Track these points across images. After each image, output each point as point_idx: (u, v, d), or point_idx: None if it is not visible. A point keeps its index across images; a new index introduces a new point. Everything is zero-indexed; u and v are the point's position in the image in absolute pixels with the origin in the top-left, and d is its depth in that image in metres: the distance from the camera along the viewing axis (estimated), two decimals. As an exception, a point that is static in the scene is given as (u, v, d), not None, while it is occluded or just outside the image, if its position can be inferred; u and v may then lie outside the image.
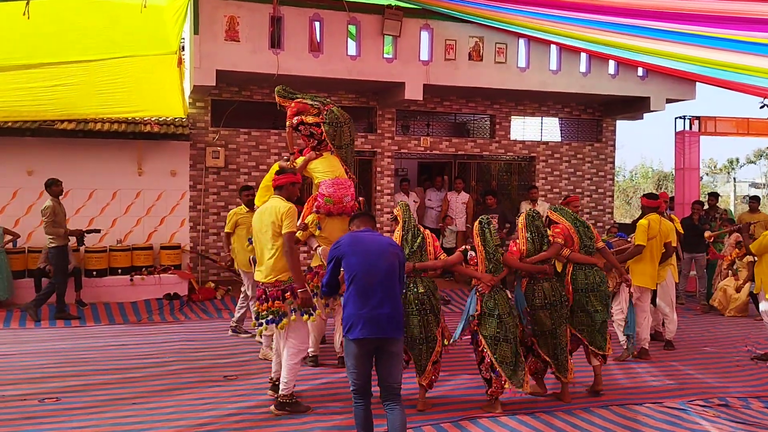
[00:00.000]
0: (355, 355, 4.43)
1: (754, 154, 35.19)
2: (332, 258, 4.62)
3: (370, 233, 4.75)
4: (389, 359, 4.48)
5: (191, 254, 11.05)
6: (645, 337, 7.43)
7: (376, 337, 4.38)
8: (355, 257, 4.52)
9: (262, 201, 7.08)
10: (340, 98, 11.57)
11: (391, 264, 4.56)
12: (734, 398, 6.08)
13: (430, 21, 10.75)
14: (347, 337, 4.44)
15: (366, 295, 4.43)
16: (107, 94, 9.42)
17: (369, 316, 4.38)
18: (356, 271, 4.48)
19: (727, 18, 5.71)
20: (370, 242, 4.62)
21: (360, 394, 4.49)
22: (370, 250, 4.55)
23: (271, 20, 9.94)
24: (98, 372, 6.50)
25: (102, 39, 8.64)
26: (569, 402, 5.81)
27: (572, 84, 11.71)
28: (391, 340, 4.45)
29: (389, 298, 4.47)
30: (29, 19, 6.95)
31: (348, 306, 4.49)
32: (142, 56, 9.18)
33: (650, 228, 7.20)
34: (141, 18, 8.21)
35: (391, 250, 4.64)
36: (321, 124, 7.00)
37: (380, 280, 4.47)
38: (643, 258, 7.24)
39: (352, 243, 4.59)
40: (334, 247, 4.62)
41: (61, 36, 8.27)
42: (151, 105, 10.07)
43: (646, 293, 7.45)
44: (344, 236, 4.72)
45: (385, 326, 4.40)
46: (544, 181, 13.19)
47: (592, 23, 7.82)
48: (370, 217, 5.05)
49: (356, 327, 4.38)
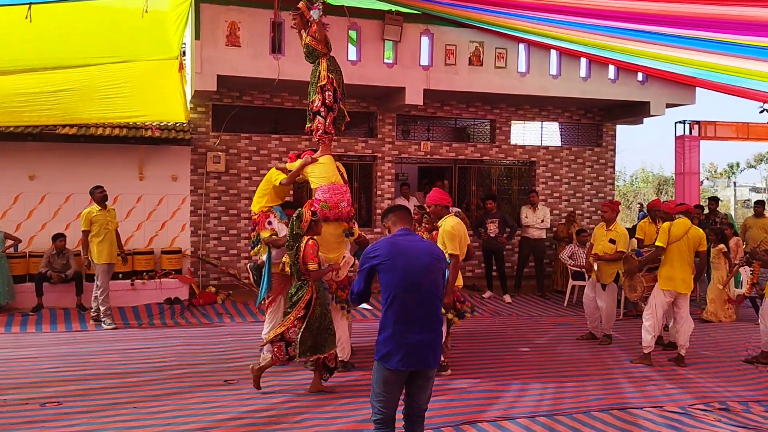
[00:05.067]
0: (387, 382, 3.96)
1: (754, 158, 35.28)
2: (368, 267, 4.03)
3: (409, 237, 4.15)
4: (424, 383, 4.05)
5: (192, 259, 11.06)
6: (683, 343, 7.40)
7: (416, 369, 3.96)
8: (394, 274, 3.95)
9: (259, 207, 7.12)
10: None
11: (434, 281, 4.06)
12: (735, 402, 6.09)
13: (431, 26, 10.78)
14: (381, 363, 3.97)
15: (407, 320, 3.94)
16: (109, 99, 9.45)
17: (409, 344, 3.91)
18: (397, 291, 3.94)
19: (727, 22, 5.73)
20: (412, 253, 4.02)
21: (385, 424, 4.03)
22: (413, 266, 3.98)
23: (271, 25, 9.97)
24: (99, 376, 6.50)
25: (103, 43, 8.68)
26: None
27: (572, 89, 11.73)
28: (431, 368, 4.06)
29: (432, 322, 4.01)
30: (31, 22, 6.97)
31: (386, 329, 3.97)
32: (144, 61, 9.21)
33: (671, 232, 7.22)
34: (142, 23, 8.24)
35: (435, 262, 4.09)
36: (332, 81, 6.96)
37: (423, 301, 3.98)
38: (669, 262, 7.23)
39: (391, 254, 3.98)
40: (371, 255, 4.04)
41: (63, 40, 8.30)
42: (152, 110, 10.10)
43: (681, 298, 7.34)
44: (382, 242, 4.10)
45: (426, 356, 3.96)
46: (544, 185, 13.20)
47: (592, 27, 7.85)
48: (406, 212, 4.40)
49: (395, 356, 3.90)
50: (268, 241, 6.83)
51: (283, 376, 6.54)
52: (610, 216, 8.26)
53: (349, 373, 6.68)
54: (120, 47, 8.93)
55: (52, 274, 9.56)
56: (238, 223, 11.35)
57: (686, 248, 7.23)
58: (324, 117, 6.96)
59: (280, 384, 6.30)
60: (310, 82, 7.13)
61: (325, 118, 6.97)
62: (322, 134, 7.02)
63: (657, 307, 7.31)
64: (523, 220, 11.73)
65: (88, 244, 8.78)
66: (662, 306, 7.32)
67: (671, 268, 7.24)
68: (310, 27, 7.06)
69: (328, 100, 6.95)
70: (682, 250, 7.22)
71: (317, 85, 6.98)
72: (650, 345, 7.35)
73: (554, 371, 6.99)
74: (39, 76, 8.70)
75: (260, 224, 6.98)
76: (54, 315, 9.21)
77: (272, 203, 7.13)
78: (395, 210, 4.36)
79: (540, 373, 6.92)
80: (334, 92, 6.98)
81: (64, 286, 9.56)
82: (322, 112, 6.97)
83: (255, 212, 7.15)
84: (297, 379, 6.44)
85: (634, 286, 7.71)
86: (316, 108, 6.98)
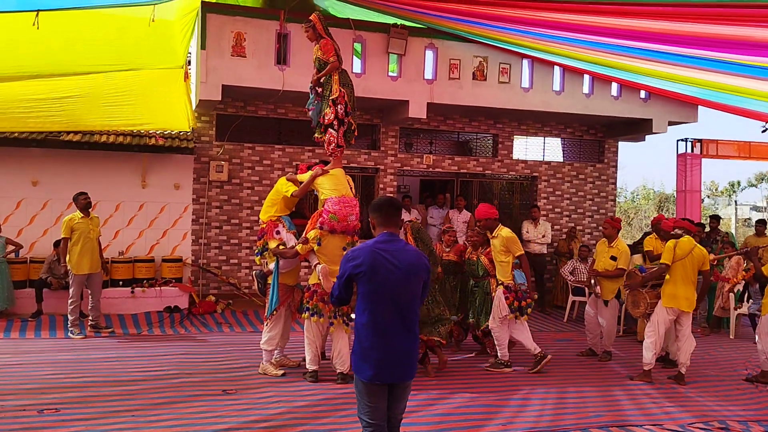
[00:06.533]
0: (368, 394, 3.86)
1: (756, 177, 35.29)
2: (346, 274, 3.88)
3: (392, 245, 3.91)
4: (401, 393, 3.95)
5: (193, 267, 11.06)
6: (684, 361, 7.39)
7: (390, 382, 3.87)
8: (371, 285, 3.81)
9: (267, 216, 7.12)
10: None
11: (412, 294, 3.92)
12: (734, 422, 6.06)
13: (435, 40, 10.83)
14: (357, 376, 3.90)
15: (383, 332, 3.82)
16: (114, 106, 9.51)
17: (384, 357, 3.81)
18: (373, 303, 3.83)
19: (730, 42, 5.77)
20: (392, 265, 3.83)
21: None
22: (392, 278, 3.82)
23: (277, 37, 10.02)
24: (98, 384, 6.47)
25: (110, 51, 8.74)
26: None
27: (575, 105, 11.77)
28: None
29: (408, 333, 3.90)
30: (38, 29, 7.02)
31: (360, 338, 3.88)
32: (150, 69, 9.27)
33: (677, 250, 7.23)
34: (149, 32, 8.31)
35: (416, 274, 3.92)
36: (344, 95, 7.03)
37: (400, 314, 3.86)
38: (673, 280, 7.24)
39: (370, 264, 3.80)
40: (351, 262, 3.86)
41: (70, 47, 8.37)
42: (156, 118, 10.15)
43: (683, 316, 7.35)
44: (363, 249, 3.90)
45: (400, 369, 3.87)
46: (545, 200, 13.21)
47: (596, 44, 7.90)
48: (395, 212, 4.07)
49: (368, 368, 3.81)
50: (276, 251, 6.82)
51: (282, 387, 6.53)
52: (611, 233, 8.27)
53: (348, 385, 6.66)
54: (126, 55, 8.99)
55: (53, 281, 9.56)
56: (239, 232, 11.35)
57: (690, 267, 7.24)
58: (336, 130, 7.03)
59: (278, 395, 6.28)
60: (323, 96, 7.18)
61: (337, 132, 7.04)
62: (335, 147, 7.09)
63: (659, 324, 7.30)
64: (525, 235, 11.73)
65: (67, 252, 8.51)
66: (665, 323, 7.31)
67: (675, 286, 7.23)
68: (322, 41, 7.18)
69: (341, 114, 7.02)
70: (687, 268, 7.23)
71: (330, 99, 7.05)
72: (651, 362, 7.33)
73: (554, 387, 6.97)
74: (45, 82, 8.76)
75: (268, 233, 6.99)
76: (53, 321, 9.20)
77: (281, 213, 7.14)
78: (384, 208, 4.03)
79: (539, 388, 6.89)
80: (345, 106, 7.05)
81: (64, 293, 9.51)
82: (334, 125, 7.03)
83: (263, 221, 7.16)
84: (296, 390, 6.43)
85: (638, 302, 7.68)
86: (329, 121, 7.04)
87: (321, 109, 7.18)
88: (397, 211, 4.10)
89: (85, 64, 8.73)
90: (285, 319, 7.15)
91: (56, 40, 7.92)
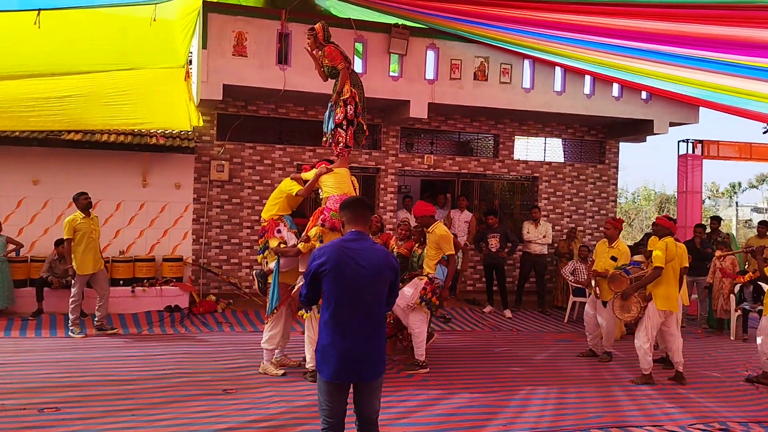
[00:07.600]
0: (327, 392, 3.85)
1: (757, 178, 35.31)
2: (311, 272, 3.86)
3: (359, 244, 3.90)
4: (370, 394, 3.92)
5: (193, 267, 11.06)
6: (678, 360, 7.41)
7: (350, 382, 3.86)
8: (336, 283, 3.79)
9: (269, 215, 7.13)
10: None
11: (378, 293, 3.90)
12: (735, 423, 6.06)
13: (436, 40, 10.84)
14: (318, 373, 3.89)
15: (345, 332, 3.80)
16: (115, 105, 9.50)
17: (345, 355, 3.78)
18: (337, 301, 3.81)
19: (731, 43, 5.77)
20: (358, 263, 3.82)
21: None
22: (357, 277, 3.80)
23: (278, 36, 10.02)
24: (98, 383, 6.48)
25: (111, 51, 8.74)
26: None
27: (576, 105, 11.77)
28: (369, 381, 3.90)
29: (371, 334, 3.86)
30: (40, 28, 7.03)
31: (322, 335, 3.85)
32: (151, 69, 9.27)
33: (668, 250, 7.22)
34: (150, 31, 8.31)
35: (382, 273, 3.89)
36: (354, 95, 7.12)
37: (363, 314, 3.84)
38: (666, 281, 7.22)
39: (336, 262, 3.79)
40: (316, 260, 3.84)
41: (71, 47, 8.37)
42: (157, 117, 10.15)
43: (670, 317, 7.38)
44: (329, 247, 3.89)
45: (361, 368, 3.82)
46: (546, 201, 13.21)
47: (597, 45, 7.90)
48: (365, 210, 4.06)
49: (329, 366, 3.79)
50: (278, 250, 6.82)
51: (282, 387, 6.53)
52: (613, 233, 8.26)
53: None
54: (127, 55, 8.99)
55: (53, 280, 9.56)
56: (240, 232, 11.36)
57: (678, 266, 7.29)
58: (345, 130, 7.10)
59: (278, 394, 6.28)
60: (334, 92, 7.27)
61: (346, 131, 7.10)
62: (343, 147, 7.15)
63: (652, 329, 7.29)
64: (525, 235, 11.73)
65: (72, 253, 8.52)
66: (657, 327, 7.34)
67: (668, 287, 7.23)
68: (325, 47, 7.23)
69: (350, 114, 7.08)
70: (676, 268, 7.26)
71: (341, 99, 7.11)
72: (650, 366, 7.35)
73: (554, 388, 6.97)
74: (46, 81, 8.77)
75: (269, 231, 7.00)
76: (54, 320, 9.20)
77: (283, 212, 7.15)
78: (354, 206, 4.04)
79: (540, 389, 6.89)
80: (355, 106, 7.13)
81: (64, 292, 9.51)
82: (344, 125, 7.09)
83: (265, 219, 7.17)
84: (296, 390, 6.43)
85: (629, 306, 7.43)
86: (339, 121, 7.10)
87: (334, 112, 7.24)
88: (367, 209, 4.08)
89: (87, 64, 8.74)
90: (285, 318, 7.15)
91: (57, 40, 7.92)
